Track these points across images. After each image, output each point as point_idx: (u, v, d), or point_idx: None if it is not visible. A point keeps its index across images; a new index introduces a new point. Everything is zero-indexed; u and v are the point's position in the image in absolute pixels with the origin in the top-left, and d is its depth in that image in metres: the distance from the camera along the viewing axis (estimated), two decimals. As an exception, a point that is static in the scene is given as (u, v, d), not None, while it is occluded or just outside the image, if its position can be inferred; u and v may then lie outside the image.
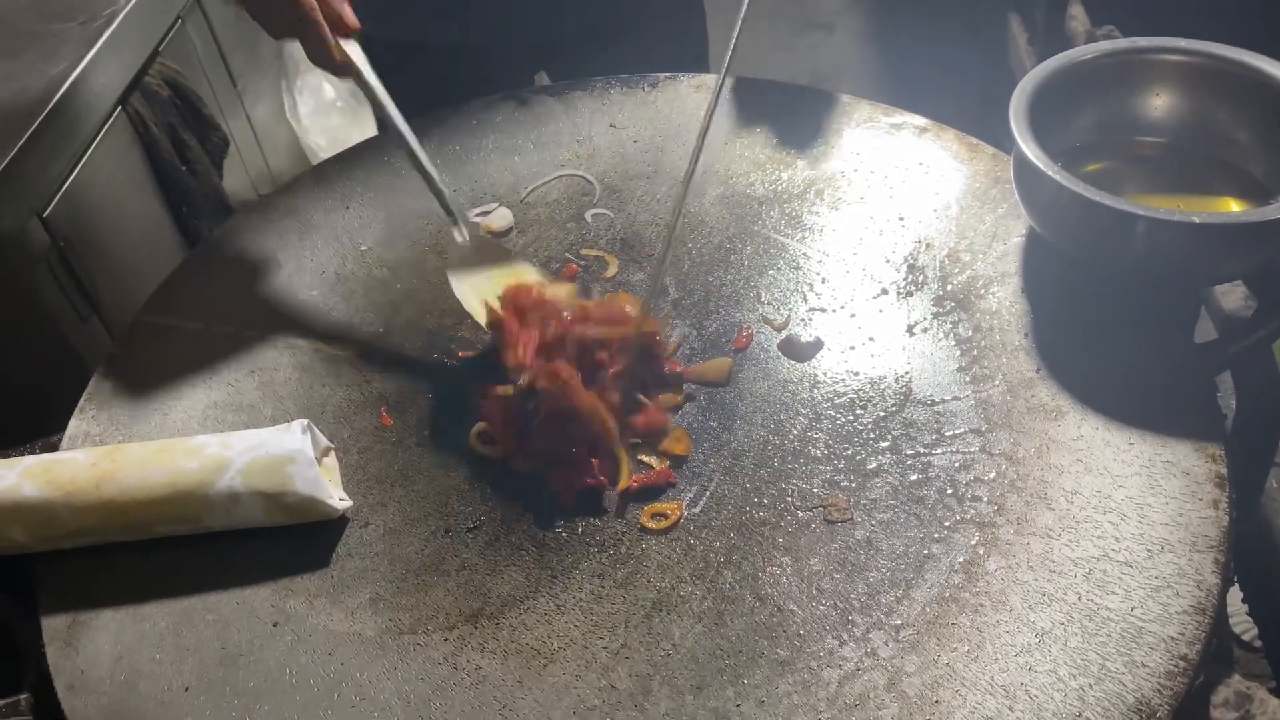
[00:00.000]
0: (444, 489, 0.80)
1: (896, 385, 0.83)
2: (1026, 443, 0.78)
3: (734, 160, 1.03)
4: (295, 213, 1.04)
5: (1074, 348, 0.83)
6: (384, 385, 0.88)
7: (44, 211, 1.27)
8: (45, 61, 1.33)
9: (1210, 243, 0.77)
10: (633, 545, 0.76)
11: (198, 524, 0.76)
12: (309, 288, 0.97)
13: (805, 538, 0.74)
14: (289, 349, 0.91)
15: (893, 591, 0.71)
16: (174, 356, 0.90)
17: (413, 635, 0.72)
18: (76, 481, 0.74)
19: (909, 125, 1.03)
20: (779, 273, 0.93)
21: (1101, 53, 0.89)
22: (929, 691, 0.66)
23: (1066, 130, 0.90)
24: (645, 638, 0.70)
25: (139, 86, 1.48)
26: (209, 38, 1.71)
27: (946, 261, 0.91)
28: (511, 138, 1.09)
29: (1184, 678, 0.64)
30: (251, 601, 0.74)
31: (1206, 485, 0.73)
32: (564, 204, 1.02)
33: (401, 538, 0.77)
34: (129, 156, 1.46)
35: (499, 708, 0.68)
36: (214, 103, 1.68)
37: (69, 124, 1.31)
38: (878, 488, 0.77)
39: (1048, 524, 0.73)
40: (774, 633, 0.70)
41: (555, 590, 0.74)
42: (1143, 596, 0.68)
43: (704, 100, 1.10)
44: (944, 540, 0.73)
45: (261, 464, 0.75)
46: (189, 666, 0.71)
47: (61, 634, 0.72)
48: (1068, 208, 0.81)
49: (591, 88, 1.13)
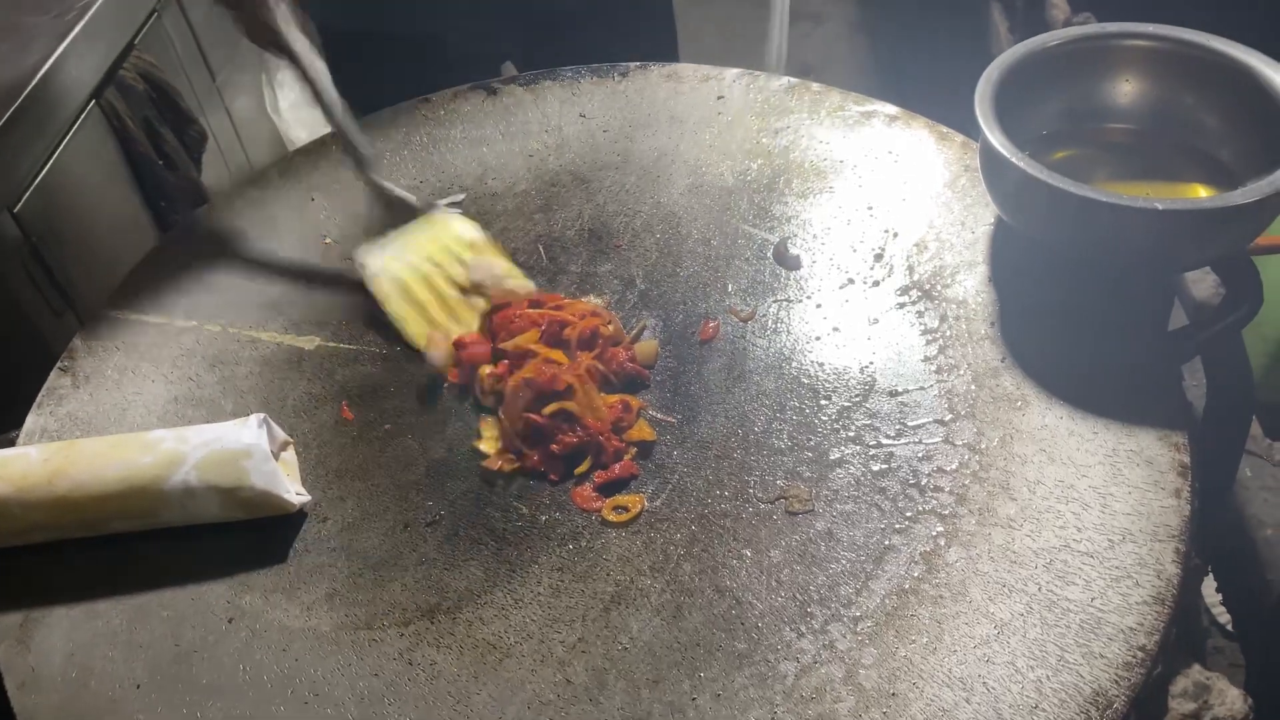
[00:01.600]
0: (403, 483, 0.79)
1: (861, 376, 0.82)
2: (990, 433, 0.77)
3: (703, 150, 1.03)
4: (260, 205, 1.03)
5: (1040, 337, 0.82)
6: (346, 379, 0.87)
7: (15, 206, 1.26)
8: (16, 54, 1.32)
9: (1176, 229, 0.76)
10: (593, 538, 0.75)
11: (153, 519, 0.75)
12: (272, 281, 0.96)
13: (766, 529, 0.74)
14: (251, 343, 0.90)
15: (852, 583, 0.70)
16: (134, 350, 0.90)
17: (369, 631, 0.71)
18: (29, 477, 0.74)
19: (879, 114, 1.02)
20: (746, 263, 0.92)
21: (1069, 38, 0.88)
22: (886, 684, 0.65)
23: (1034, 117, 0.89)
24: (603, 631, 0.70)
25: (114, 80, 1.47)
26: (186, 31, 1.70)
27: (914, 251, 0.90)
28: (480, 128, 1.08)
29: (1141, 668, 0.63)
30: (207, 597, 0.74)
31: (1169, 474, 0.72)
32: (532, 195, 1.01)
33: (360, 533, 0.77)
34: (103, 151, 1.45)
35: (453, 703, 0.67)
36: (192, 96, 1.67)
37: (40, 117, 1.29)
38: (840, 479, 0.76)
39: (1010, 514, 0.72)
40: (732, 625, 0.69)
41: (513, 584, 0.73)
42: (1103, 587, 0.67)
43: (674, 89, 1.09)
44: (905, 531, 0.72)
45: (217, 458, 0.75)
46: (141, 664, 0.70)
47: (13, 631, 0.72)
48: (1034, 196, 0.80)
49: (561, 77, 1.12)
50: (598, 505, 0.77)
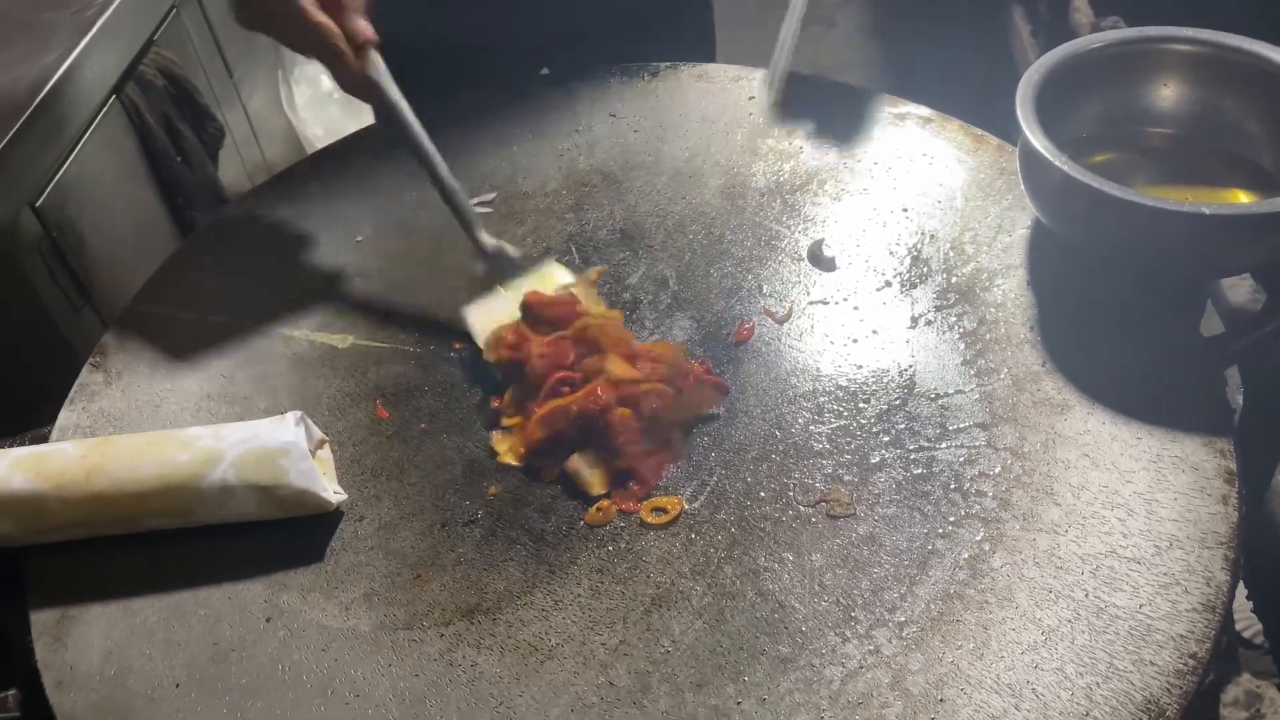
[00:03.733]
0: (440, 483, 0.79)
1: (900, 379, 0.82)
2: (1032, 437, 0.76)
3: (735, 151, 1.02)
4: (290, 202, 1.02)
5: (1080, 341, 0.82)
6: (380, 377, 0.87)
7: (36, 202, 1.25)
8: (37, 50, 1.32)
9: (1219, 234, 0.76)
10: (632, 540, 0.74)
11: (189, 517, 0.75)
12: (304, 278, 0.95)
13: (807, 533, 0.73)
14: (283, 340, 0.89)
15: (896, 588, 0.70)
16: (166, 347, 0.89)
17: (408, 631, 0.71)
18: (67, 473, 0.73)
19: (913, 116, 1.02)
20: (780, 264, 0.92)
21: (1108, 42, 0.88)
22: (934, 689, 0.64)
23: (1072, 121, 0.89)
24: (644, 634, 0.69)
25: (133, 76, 1.46)
26: (204, 27, 1.70)
27: (951, 253, 0.90)
28: (510, 127, 1.07)
29: (1193, 676, 0.63)
30: (244, 596, 0.73)
31: (1216, 480, 0.72)
32: (563, 194, 1.01)
33: (397, 532, 0.76)
34: (123, 147, 1.45)
35: (495, 704, 0.66)
36: (210, 93, 1.67)
37: (61, 114, 1.29)
38: (881, 482, 0.75)
39: (1054, 520, 0.72)
40: (775, 629, 0.68)
41: (553, 586, 0.72)
42: (1151, 593, 0.67)
43: (705, 89, 1.09)
44: (949, 536, 0.72)
45: (255, 456, 0.74)
46: (180, 662, 0.70)
47: (50, 629, 0.71)
48: (1075, 198, 0.80)
49: (591, 77, 1.11)
50: (636, 507, 0.76)
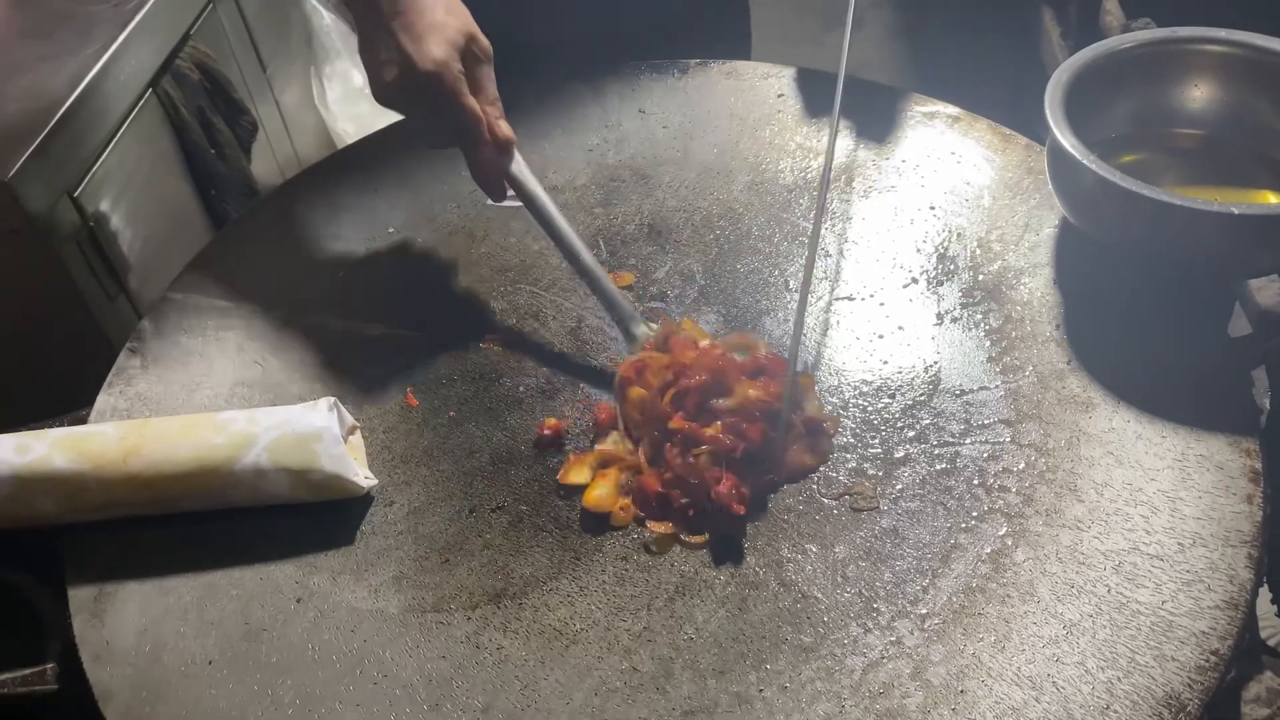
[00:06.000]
0: (468, 470, 0.80)
1: (925, 374, 0.82)
2: (1057, 434, 0.77)
3: (763, 147, 1.03)
4: (323, 194, 1.04)
5: (1106, 340, 0.82)
6: (410, 366, 0.88)
7: (75, 191, 1.27)
8: (78, 42, 1.34)
9: (1249, 234, 0.76)
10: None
11: (223, 499, 0.76)
12: (336, 268, 0.97)
13: (831, 525, 0.74)
14: (316, 329, 0.91)
15: (919, 580, 0.70)
16: (201, 334, 0.91)
17: (435, 614, 0.72)
18: (105, 454, 0.75)
19: (941, 114, 1.02)
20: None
21: (1139, 42, 0.88)
22: (954, 681, 0.65)
23: (1102, 121, 0.89)
24: (668, 621, 0.70)
25: (170, 69, 1.49)
26: (239, 22, 1.72)
27: (978, 251, 0.90)
28: (540, 123, 1.08)
29: (1215, 672, 0.63)
30: (275, 577, 0.74)
31: (1240, 480, 0.72)
32: (592, 189, 1.02)
33: (425, 517, 0.77)
34: (159, 138, 1.47)
35: (520, 687, 0.67)
36: (243, 87, 1.69)
37: (100, 105, 1.31)
38: (905, 477, 0.76)
39: (1077, 516, 0.72)
40: (798, 619, 0.69)
41: (578, 572, 0.73)
42: (1174, 590, 0.67)
43: (734, 87, 1.09)
44: (971, 530, 0.72)
45: (288, 440, 0.75)
46: (213, 640, 0.71)
47: (88, 605, 0.73)
48: (1104, 198, 0.80)
49: (620, 73, 1.12)
50: (670, 530, 0.76)
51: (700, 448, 0.76)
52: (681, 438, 0.77)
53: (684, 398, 0.78)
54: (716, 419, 0.77)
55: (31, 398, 1.08)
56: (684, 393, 0.78)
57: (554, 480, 0.79)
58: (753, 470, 0.76)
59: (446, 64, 0.80)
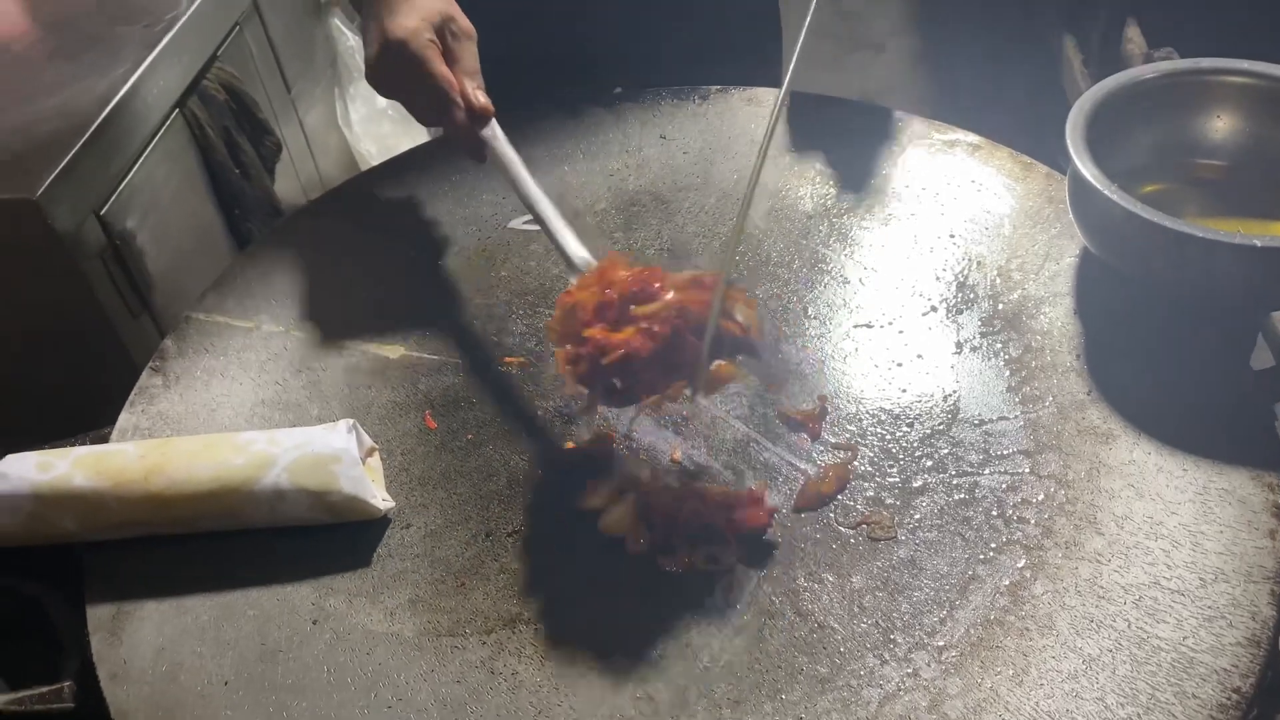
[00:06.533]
0: (486, 493, 0.80)
1: (944, 403, 0.82)
2: (1076, 466, 0.76)
3: (784, 174, 1.03)
4: (346, 216, 1.05)
5: (1127, 371, 0.82)
6: (429, 388, 0.88)
7: (101, 210, 1.29)
8: (107, 63, 1.36)
9: (1272, 267, 0.75)
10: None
11: (242, 519, 0.77)
12: (358, 290, 0.97)
13: (848, 554, 0.74)
14: (337, 350, 0.92)
15: (936, 612, 0.70)
16: (223, 353, 0.92)
17: (451, 638, 0.72)
18: (126, 473, 0.75)
19: (962, 143, 1.02)
20: (826, 288, 0.92)
21: (1162, 73, 0.88)
22: (972, 714, 0.64)
23: (1123, 151, 0.89)
24: (683, 649, 0.70)
25: (197, 90, 1.51)
26: (265, 44, 1.74)
27: (997, 280, 0.90)
28: (560, 147, 1.09)
29: (1237, 711, 0.62)
30: (292, 599, 0.75)
31: (1263, 515, 0.71)
32: (612, 213, 1.02)
33: (442, 540, 0.78)
34: (184, 158, 1.49)
35: (535, 714, 0.67)
36: (268, 107, 1.71)
37: (128, 124, 1.33)
38: (923, 506, 0.76)
39: (1097, 549, 0.71)
40: (814, 649, 0.69)
41: (594, 599, 0.73)
42: (1195, 626, 0.66)
43: (754, 113, 1.10)
44: (990, 562, 0.72)
45: (307, 462, 0.76)
46: (229, 661, 0.71)
47: (106, 624, 0.73)
48: (1124, 228, 0.80)
49: (641, 99, 1.13)
50: (688, 563, 0.75)
51: (614, 353, 0.72)
52: (591, 344, 0.73)
53: (606, 309, 0.75)
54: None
55: (54, 413, 1.09)
56: (606, 304, 0.75)
57: (571, 504, 0.79)
58: (669, 378, 0.73)
59: (415, 31, 0.87)
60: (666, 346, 0.72)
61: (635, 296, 0.74)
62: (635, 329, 0.73)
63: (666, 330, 0.72)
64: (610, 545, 0.76)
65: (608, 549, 0.76)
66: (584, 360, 0.74)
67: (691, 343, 0.72)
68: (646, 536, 0.76)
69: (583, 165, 1.07)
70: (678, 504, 0.76)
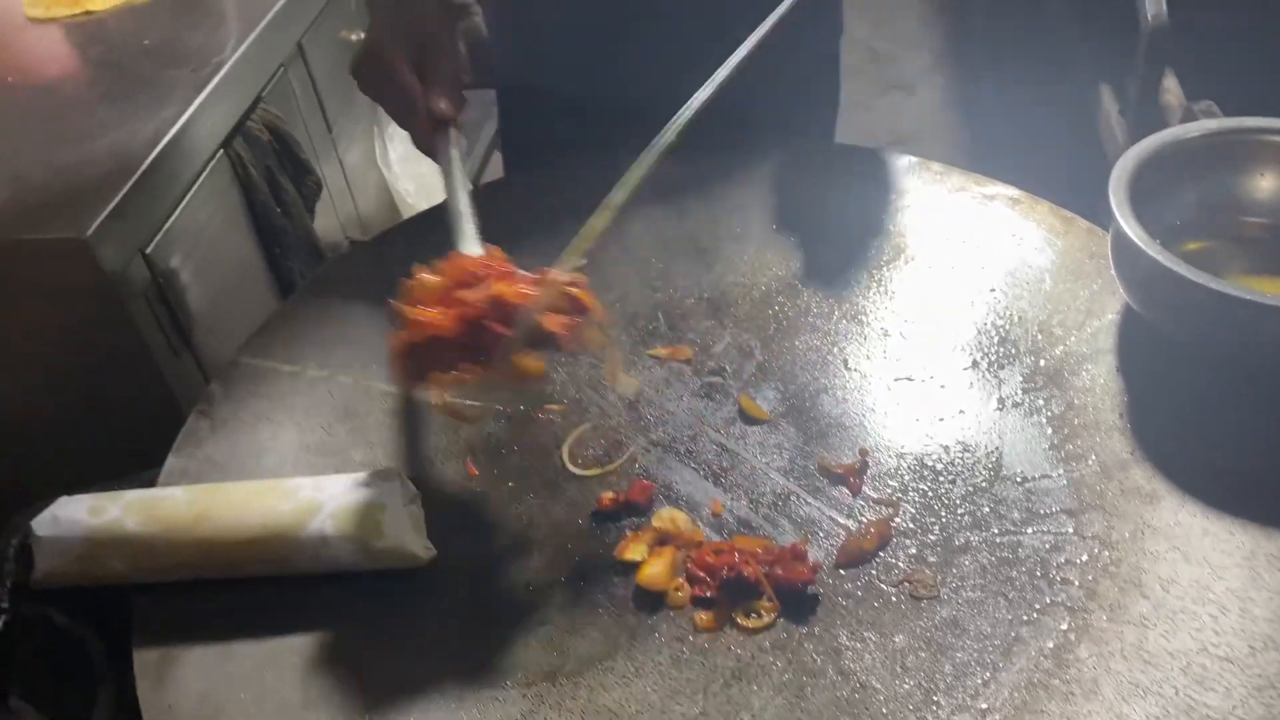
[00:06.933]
0: (526, 543, 0.81)
1: (986, 460, 0.82)
2: (1121, 526, 0.76)
3: (823, 224, 1.04)
4: (390, 262, 1.06)
5: (1170, 430, 0.81)
6: (471, 435, 0.89)
7: (147, 248, 1.31)
8: (157, 105, 1.39)
9: (1318, 330, 0.75)
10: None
11: (286, 566, 0.77)
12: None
13: (890, 613, 0.73)
14: (380, 395, 0.93)
15: (980, 673, 0.69)
16: (269, 398, 0.93)
17: (490, 690, 0.72)
18: (175, 518, 0.76)
19: (1001, 196, 1.03)
20: (866, 340, 0.93)
21: (1206, 131, 0.88)
22: (1017, 781, 0.64)
23: (1166, 207, 0.89)
24: (724, 706, 0.70)
25: (241, 130, 1.53)
26: (309, 85, 1.77)
27: (1039, 336, 0.90)
28: (602, 193, 1.10)
29: (1289, 784, 0.61)
30: (334, 647, 0.75)
31: (1313, 581, 0.70)
32: (651, 261, 1.03)
33: (483, 590, 0.78)
34: (227, 197, 1.51)
35: (575, 769, 0.67)
36: (309, 147, 1.73)
37: (175, 165, 1.36)
38: (965, 565, 0.75)
39: (1143, 613, 0.71)
40: (856, 709, 0.68)
41: (634, 652, 0.73)
42: (1244, 695, 0.65)
43: (797, 168, 1.10)
44: (1033, 623, 0.71)
45: (352, 509, 0.77)
46: (271, 708, 0.72)
47: (153, 668, 0.74)
48: (1167, 287, 0.80)
49: (681, 147, 1.14)
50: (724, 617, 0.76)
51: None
52: (405, 320, 0.77)
53: (442, 295, 0.78)
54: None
55: (97, 452, 1.11)
56: (444, 290, 0.79)
57: (611, 555, 0.79)
58: (466, 360, 0.76)
59: (382, 43, 0.92)
60: (471, 329, 0.75)
61: (464, 284, 0.78)
62: (444, 310, 0.77)
63: (475, 314, 0.75)
64: (650, 598, 0.76)
65: (645, 601, 0.76)
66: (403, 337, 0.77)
67: (499, 330, 0.75)
68: (686, 590, 0.76)
69: (622, 212, 1.08)
70: (718, 557, 0.77)
